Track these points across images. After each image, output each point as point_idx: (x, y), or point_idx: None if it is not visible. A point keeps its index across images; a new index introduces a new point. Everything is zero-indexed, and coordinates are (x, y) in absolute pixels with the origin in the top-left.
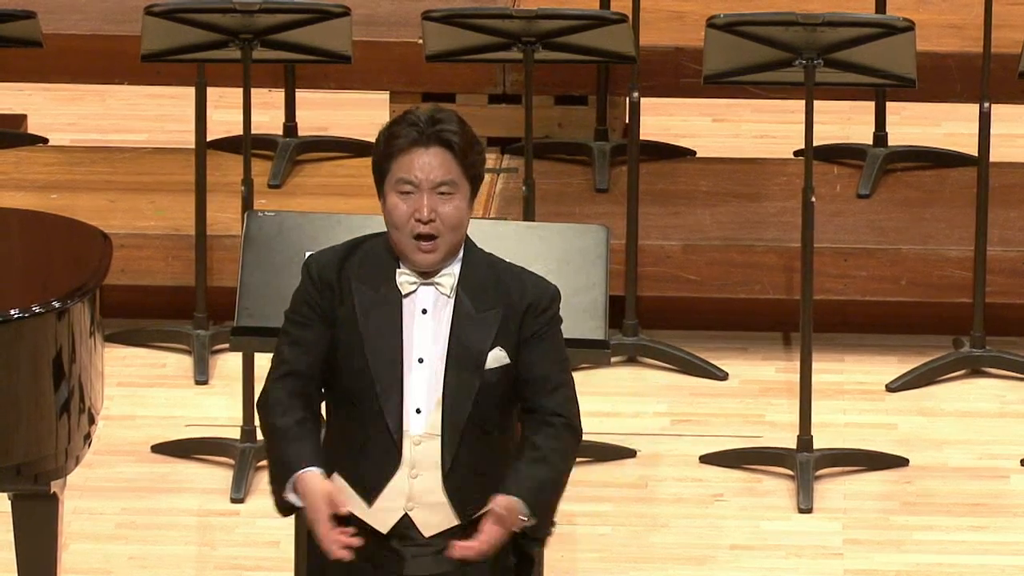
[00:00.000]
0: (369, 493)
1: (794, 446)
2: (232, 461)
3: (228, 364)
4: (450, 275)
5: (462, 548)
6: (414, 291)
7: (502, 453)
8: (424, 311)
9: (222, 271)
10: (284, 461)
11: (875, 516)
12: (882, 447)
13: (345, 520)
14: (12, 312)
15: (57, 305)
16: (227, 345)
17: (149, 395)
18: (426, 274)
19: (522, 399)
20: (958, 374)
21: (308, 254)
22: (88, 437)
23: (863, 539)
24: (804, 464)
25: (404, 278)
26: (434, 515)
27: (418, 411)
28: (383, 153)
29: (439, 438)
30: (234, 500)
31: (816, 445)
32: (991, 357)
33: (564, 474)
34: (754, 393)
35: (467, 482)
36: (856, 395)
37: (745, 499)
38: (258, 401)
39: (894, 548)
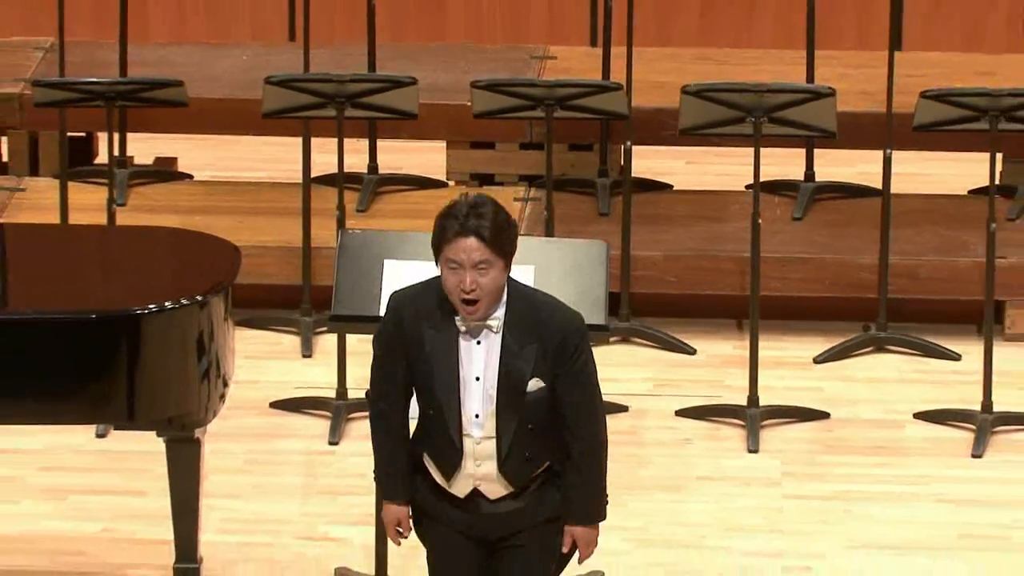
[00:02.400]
0: (445, 474)
1: (745, 403)
2: (329, 414)
3: (326, 342)
4: (496, 318)
5: (581, 552)
6: (467, 331)
7: (546, 440)
8: (479, 343)
9: (322, 274)
10: (382, 484)
11: (804, 455)
12: (810, 404)
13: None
14: (167, 304)
15: (199, 299)
16: (326, 328)
17: (267, 365)
18: (478, 320)
19: (560, 419)
20: (867, 350)
21: (393, 291)
22: (222, 396)
23: (796, 472)
24: (752, 417)
25: (459, 320)
26: (495, 487)
27: (477, 416)
28: (437, 239)
29: (495, 439)
30: (331, 443)
31: (761, 403)
32: (892, 338)
33: (603, 469)
34: (716, 364)
35: (519, 465)
36: (791, 366)
37: (708, 443)
38: (370, 416)
39: (818, 479)
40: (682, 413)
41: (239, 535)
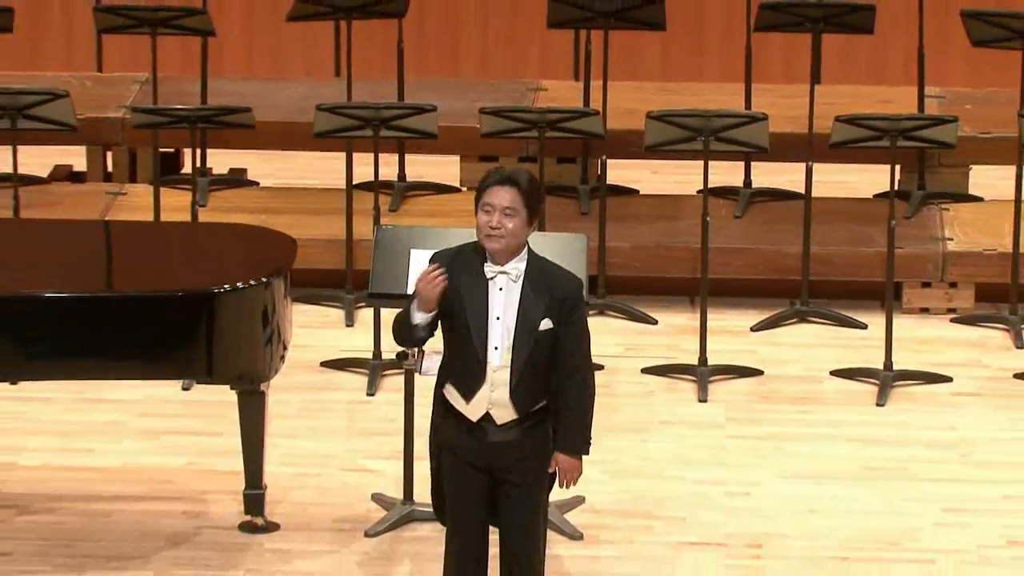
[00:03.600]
0: (465, 396)
1: (696, 363)
2: (367, 372)
3: (365, 314)
4: (516, 268)
5: (566, 478)
6: (494, 277)
7: (546, 381)
8: (500, 289)
9: (361, 260)
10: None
11: (743, 404)
12: (748, 364)
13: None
14: (238, 284)
15: (264, 280)
16: (364, 303)
17: (318, 333)
18: (501, 266)
19: (557, 359)
20: (792, 321)
21: (434, 252)
22: (282, 357)
23: (736, 417)
24: (702, 374)
25: (488, 268)
26: (504, 412)
27: (496, 348)
28: (480, 187)
29: (508, 368)
30: (368, 394)
31: (709, 363)
32: (812, 311)
33: (589, 410)
34: (673, 332)
35: (524, 394)
36: (733, 333)
37: (668, 394)
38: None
39: (754, 423)
40: (646, 371)
41: (295, 467)
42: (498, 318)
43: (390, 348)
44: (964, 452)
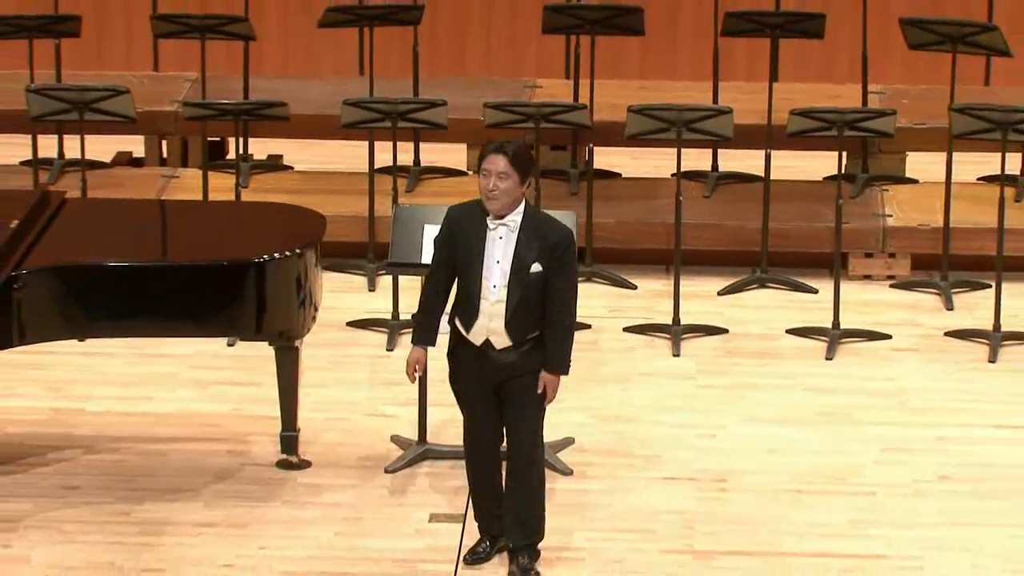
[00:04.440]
0: (466, 327)
1: (670, 323)
2: (386, 330)
3: (385, 281)
4: (514, 220)
5: (548, 394)
6: (495, 228)
7: (535, 315)
8: (500, 238)
9: (381, 234)
10: (413, 333)
11: (711, 358)
12: (715, 323)
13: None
14: (276, 255)
15: (298, 251)
16: (384, 271)
17: (344, 297)
18: (501, 219)
19: (546, 298)
20: (754, 287)
21: (449, 207)
22: (314, 318)
23: (705, 370)
24: (676, 332)
25: (490, 221)
26: (501, 339)
27: (494, 286)
28: (480, 156)
29: (504, 303)
30: (388, 350)
31: (681, 322)
32: (770, 278)
33: (569, 339)
34: (650, 296)
35: (517, 325)
36: (701, 297)
37: (646, 349)
38: (423, 281)
39: (721, 375)
40: (628, 329)
41: (325, 412)
42: (497, 262)
43: (407, 310)
44: (901, 399)
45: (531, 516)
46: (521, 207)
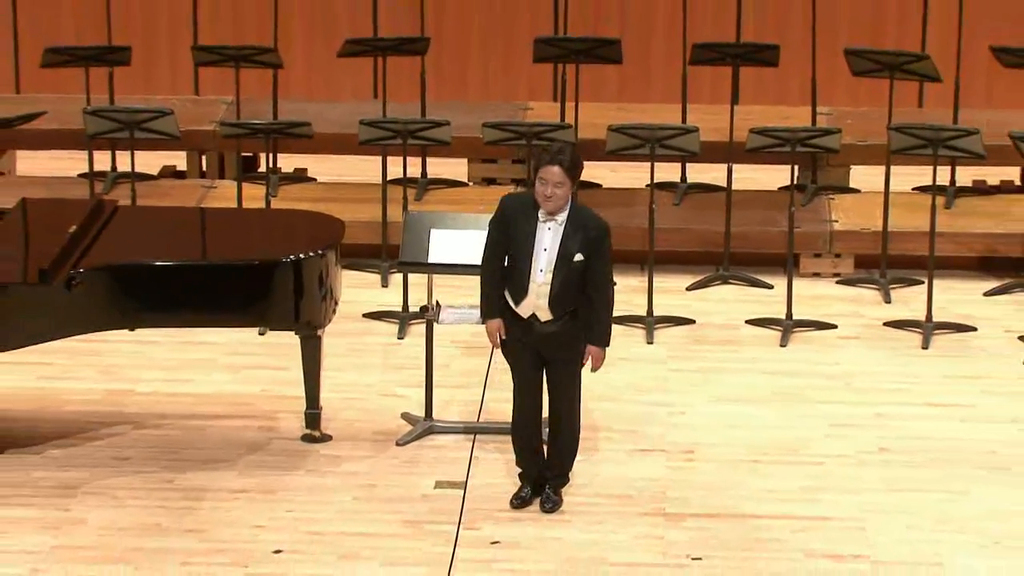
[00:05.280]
0: (515, 302)
1: (645, 314)
2: (397, 321)
3: (396, 278)
4: (562, 218)
5: (594, 364)
6: (545, 221)
7: (575, 295)
8: (549, 229)
9: (394, 237)
10: (485, 308)
11: (680, 344)
12: (684, 315)
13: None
14: (301, 255)
15: (320, 252)
16: (396, 270)
17: (361, 292)
18: (551, 216)
19: (588, 279)
20: (717, 283)
21: (503, 196)
22: (334, 310)
23: (675, 355)
24: (650, 323)
25: (542, 215)
26: (544, 314)
27: (541, 270)
28: (535, 163)
29: (549, 285)
30: (399, 338)
31: (655, 314)
32: (732, 275)
33: (609, 315)
34: (628, 291)
35: (559, 303)
36: (672, 292)
37: (624, 338)
38: (482, 260)
39: (689, 360)
40: None
41: (343, 393)
42: (545, 250)
43: (414, 304)
44: (846, 381)
45: (566, 459)
46: (568, 205)
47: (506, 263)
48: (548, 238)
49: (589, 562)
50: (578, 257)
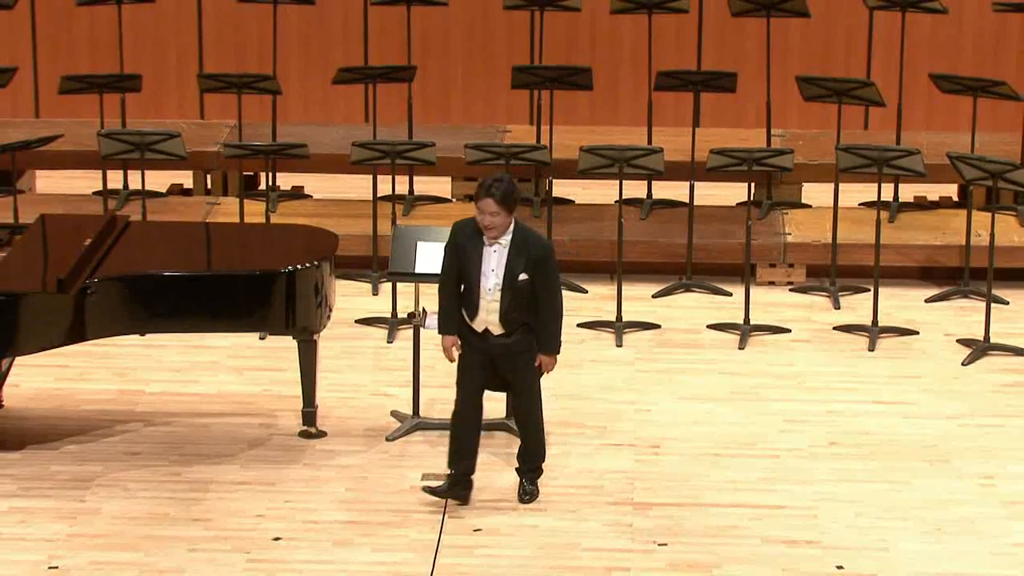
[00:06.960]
0: (470, 318)
1: (615, 319)
2: (387, 327)
3: (385, 287)
4: (505, 241)
5: (545, 370)
6: (490, 245)
7: (523, 310)
8: (494, 251)
9: (383, 249)
10: (442, 324)
11: (646, 347)
12: (650, 320)
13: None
14: (297, 266)
15: (315, 263)
16: (385, 279)
17: (353, 300)
18: (495, 239)
19: (536, 294)
20: (680, 291)
21: (455, 222)
22: (328, 316)
23: (642, 357)
24: (619, 327)
25: (486, 239)
26: (496, 328)
27: (490, 289)
28: (475, 196)
29: (498, 302)
30: (388, 342)
31: (624, 319)
32: (694, 284)
33: (558, 325)
34: (597, 299)
35: (509, 319)
36: (638, 300)
37: (595, 341)
38: (439, 281)
39: (655, 361)
40: (580, 325)
41: (337, 392)
42: (492, 270)
43: (403, 311)
44: (799, 380)
45: (535, 448)
46: (511, 228)
47: (463, 285)
48: (494, 260)
49: (563, 547)
50: (523, 276)
